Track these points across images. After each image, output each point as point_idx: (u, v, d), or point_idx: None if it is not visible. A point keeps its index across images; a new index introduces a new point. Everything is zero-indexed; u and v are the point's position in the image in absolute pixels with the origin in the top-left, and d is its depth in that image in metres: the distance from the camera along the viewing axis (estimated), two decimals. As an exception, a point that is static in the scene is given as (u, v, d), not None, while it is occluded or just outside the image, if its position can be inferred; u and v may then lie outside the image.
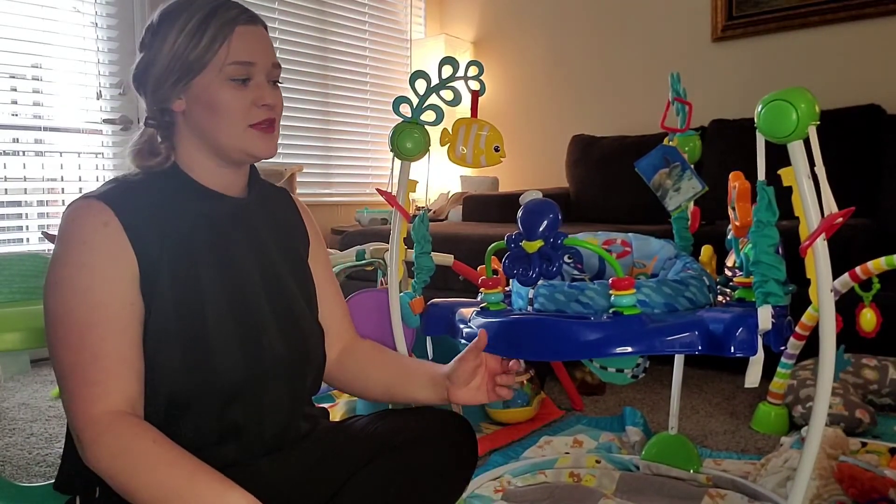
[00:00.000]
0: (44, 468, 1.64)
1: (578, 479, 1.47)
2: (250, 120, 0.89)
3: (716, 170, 2.39)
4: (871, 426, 1.68)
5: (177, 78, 0.87)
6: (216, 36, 0.86)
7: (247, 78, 0.88)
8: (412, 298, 1.20)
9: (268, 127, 0.91)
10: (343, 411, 1.86)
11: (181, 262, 0.86)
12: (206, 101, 0.88)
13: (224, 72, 0.87)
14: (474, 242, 2.51)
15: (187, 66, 0.87)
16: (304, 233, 1.07)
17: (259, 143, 0.90)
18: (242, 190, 0.97)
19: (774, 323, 0.91)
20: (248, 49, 0.88)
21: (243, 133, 0.89)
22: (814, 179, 0.89)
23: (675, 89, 1.41)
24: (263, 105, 0.89)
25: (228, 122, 0.88)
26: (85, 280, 0.80)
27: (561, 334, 0.96)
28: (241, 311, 0.90)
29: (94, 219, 0.82)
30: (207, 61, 0.86)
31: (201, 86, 0.87)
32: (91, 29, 2.81)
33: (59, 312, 0.81)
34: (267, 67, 0.91)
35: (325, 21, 3.78)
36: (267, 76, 0.91)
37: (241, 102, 0.88)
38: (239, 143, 0.89)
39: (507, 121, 3.96)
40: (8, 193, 2.64)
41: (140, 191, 0.88)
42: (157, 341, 0.83)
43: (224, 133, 0.89)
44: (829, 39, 3.03)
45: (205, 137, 0.90)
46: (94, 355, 0.79)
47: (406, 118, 1.12)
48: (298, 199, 1.11)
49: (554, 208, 1.00)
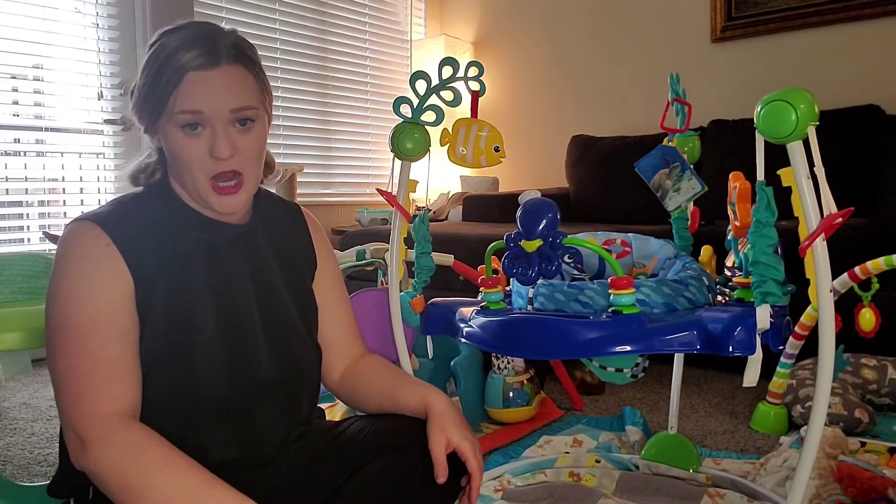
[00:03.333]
0: (45, 468, 1.64)
1: (578, 479, 1.47)
2: (209, 172, 0.86)
3: (715, 170, 2.40)
4: (871, 426, 1.68)
5: (148, 115, 0.87)
6: (169, 81, 0.84)
7: (200, 127, 0.85)
8: (412, 298, 1.20)
9: (229, 186, 0.87)
10: (343, 411, 1.86)
11: (175, 287, 0.86)
12: (168, 146, 0.87)
13: (174, 119, 0.85)
14: (474, 242, 2.52)
15: (151, 105, 0.86)
16: (312, 253, 1.06)
17: (221, 202, 0.88)
18: (245, 215, 0.96)
19: (773, 322, 0.91)
20: (197, 97, 0.84)
21: (205, 187, 0.87)
22: (813, 180, 0.90)
23: (675, 90, 1.41)
24: (216, 157, 0.85)
25: (188, 172, 0.87)
26: (85, 288, 0.81)
27: (560, 333, 0.96)
28: (231, 337, 0.89)
29: (94, 240, 0.83)
30: (162, 108, 0.85)
31: (162, 130, 0.87)
32: (92, 29, 2.82)
33: (59, 319, 0.81)
34: (222, 115, 0.85)
35: (325, 21, 3.79)
36: (228, 122, 0.86)
37: (196, 151, 0.85)
38: (202, 194, 0.88)
39: (507, 121, 3.96)
40: (9, 193, 2.65)
41: (138, 216, 0.88)
42: (146, 364, 0.84)
43: (187, 182, 0.88)
44: (828, 39, 3.03)
45: (179, 181, 0.90)
46: (96, 360, 0.79)
47: (406, 118, 1.13)
48: (311, 217, 1.09)
49: (553, 208, 1.00)
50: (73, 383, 0.79)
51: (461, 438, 0.91)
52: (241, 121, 0.87)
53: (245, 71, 0.88)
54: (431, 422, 0.92)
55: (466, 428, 0.94)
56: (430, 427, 0.92)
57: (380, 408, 1.02)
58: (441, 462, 0.89)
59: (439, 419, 0.92)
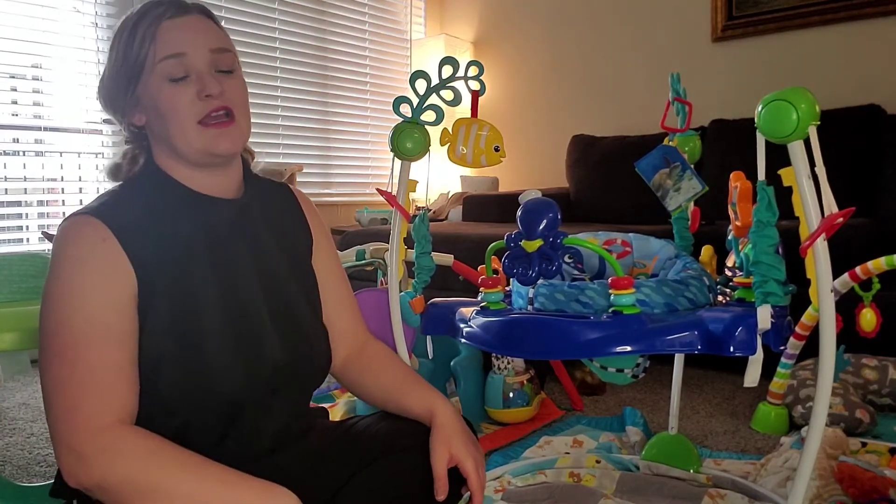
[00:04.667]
0: (44, 468, 1.64)
1: (578, 479, 1.47)
2: (197, 116, 0.84)
3: (716, 170, 2.39)
4: (871, 426, 1.68)
5: (124, 88, 0.87)
6: (144, 36, 0.84)
7: (185, 75, 0.84)
8: (413, 298, 1.20)
9: (222, 121, 0.85)
10: (343, 411, 1.86)
11: (178, 274, 0.84)
12: (153, 106, 0.86)
13: (157, 71, 0.84)
14: (474, 242, 2.51)
15: (128, 73, 0.86)
16: (307, 229, 1.04)
17: (215, 140, 0.85)
18: (237, 190, 0.94)
19: (774, 323, 0.91)
20: (176, 40, 0.84)
21: (196, 133, 0.85)
22: (814, 179, 0.89)
23: (675, 89, 1.41)
24: (207, 96, 0.84)
25: (176, 123, 0.84)
26: (81, 294, 0.78)
27: (561, 334, 0.96)
28: (239, 323, 0.87)
29: (91, 236, 0.80)
30: (142, 65, 0.85)
31: (144, 92, 0.86)
32: (91, 29, 2.82)
33: (55, 327, 0.78)
34: (204, 55, 0.85)
35: (325, 21, 3.78)
36: (211, 65, 0.86)
37: (183, 98, 0.84)
38: (195, 143, 0.85)
39: (507, 121, 3.96)
40: (8, 193, 2.65)
41: (134, 203, 0.86)
42: (153, 360, 0.81)
43: (177, 136, 0.85)
44: (829, 39, 3.03)
45: (168, 145, 0.88)
46: (91, 369, 0.76)
47: (406, 118, 1.12)
48: (301, 193, 1.07)
49: (553, 207, 1.00)
50: (67, 395, 0.75)
51: (465, 455, 0.90)
52: (224, 71, 0.87)
53: (214, 24, 0.91)
54: (435, 433, 0.91)
55: (471, 441, 0.92)
56: (433, 439, 0.91)
57: (383, 405, 1.01)
58: (441, 478, 0.88)
59: (443, 431, 0.91)
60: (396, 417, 0.98)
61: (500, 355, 1.86)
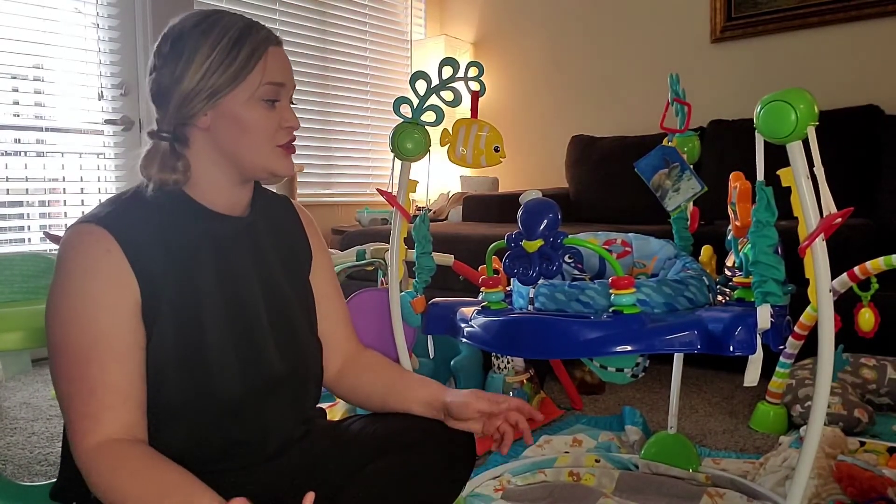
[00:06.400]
0: (45, 467, 1.65)
1: (578, 478, 1.47)
2: (277, 141, 0.90)
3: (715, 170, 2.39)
4: (870, 425, 1.68)
5: (208, 95, 0.85)
6: (252, 54, 0.86)
7: (276, 100, 0.90)
8: (413, 298, 1.20)
9: (291, 148, 0.93)
10: (343, 411, 1.86)
11: (183, 284, 0.86)
12: (235, 119, 0.87)
13: (258, 92, 0.87)
14: (474, 242, 2.52)
15: (220, 83, 0.85)
16: (307, 245, 1.06)
17: (283, 163, 0.92)
18: (245, 208, 0.96)
19: (773, 322, 0.92)
20: (281, 70, 0.90)
21: (270, 152, 0.90)
22: (813, 180, 0.90)
23: (675, 90, 1.41)
24: (288, 126, 0.91)
25: (256, 142, 0.89)
26: (87, 311, 0.79)
27: (561, 333, 0.96)
28: (241, 331, 0.89)
29: (95, 246, 0.81)
30: (241, 80, 0.86)
31: (231, 104, 0.87)
32: (92, 30, 2.82)
33: (61, 344, 0.80)
34: (291, 90, 0.93)
35: (325, 21, 3.79)
36: (289, 98, 0.93)
37: (269, 123, 0.89)
38: (264, 161, 0.90)
39: (507, 121, 3.97)
40: (10, 194, 2.65)
41: (141, 212, 0.86)
42: (158, 365, 0.83)
43: (250, 151, 0.89)
44: (828, 40, 3.04)
45: (227, 154, 0.89)
46: (92, 388, 0.78)
47: (406, 118, 1.13)
48: (302, 208, 1.09)
49: (554, 208, 1.00)
50: (71, 412, 0.79)
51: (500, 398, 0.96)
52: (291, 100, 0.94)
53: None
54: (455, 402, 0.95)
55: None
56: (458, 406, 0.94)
57: (384, 405, 1.02)
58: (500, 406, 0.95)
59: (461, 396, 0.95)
60: (393, 416, 0.99)
61: (500, 355, 1.87)
